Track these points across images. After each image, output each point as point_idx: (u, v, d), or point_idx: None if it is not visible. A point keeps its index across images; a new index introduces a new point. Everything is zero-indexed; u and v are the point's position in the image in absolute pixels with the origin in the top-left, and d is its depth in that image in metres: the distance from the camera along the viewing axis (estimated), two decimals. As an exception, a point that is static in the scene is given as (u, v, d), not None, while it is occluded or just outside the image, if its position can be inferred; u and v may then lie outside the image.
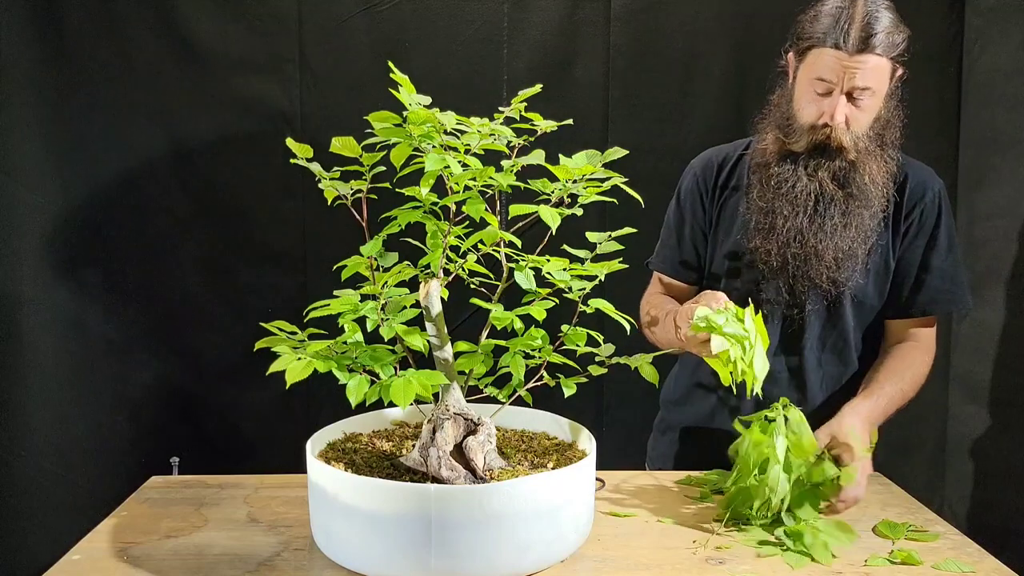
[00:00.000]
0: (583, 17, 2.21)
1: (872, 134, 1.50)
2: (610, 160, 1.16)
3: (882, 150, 1.52)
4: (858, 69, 1.42)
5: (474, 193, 1.14)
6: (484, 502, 1.07)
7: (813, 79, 1.47)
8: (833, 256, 1.52)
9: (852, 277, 1.54)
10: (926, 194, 1.56)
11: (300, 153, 1.14)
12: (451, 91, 2.16)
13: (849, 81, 1.43)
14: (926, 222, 1.57)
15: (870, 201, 1.51)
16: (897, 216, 1.57)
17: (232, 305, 2.24)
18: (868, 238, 1.53)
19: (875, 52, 1.41)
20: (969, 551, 1.25)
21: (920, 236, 1.57)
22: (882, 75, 1.45)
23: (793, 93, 1.54)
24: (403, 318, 1.15)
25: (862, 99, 1.46)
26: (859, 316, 1.61)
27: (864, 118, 1.48)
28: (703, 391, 1.71)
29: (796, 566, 1.18)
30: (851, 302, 1.59)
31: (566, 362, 1.28)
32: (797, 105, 1.52)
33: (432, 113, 1.08)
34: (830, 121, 1.46)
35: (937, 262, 1.57)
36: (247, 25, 2.16)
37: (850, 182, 1.50)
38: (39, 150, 2.12)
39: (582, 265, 1.22)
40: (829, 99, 1.46)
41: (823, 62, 1.44)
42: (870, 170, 1.50)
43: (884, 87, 1.47)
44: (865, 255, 1.54)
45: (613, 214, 1.83)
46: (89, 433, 2.21)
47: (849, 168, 1.50)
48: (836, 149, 1.49)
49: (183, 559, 1.20)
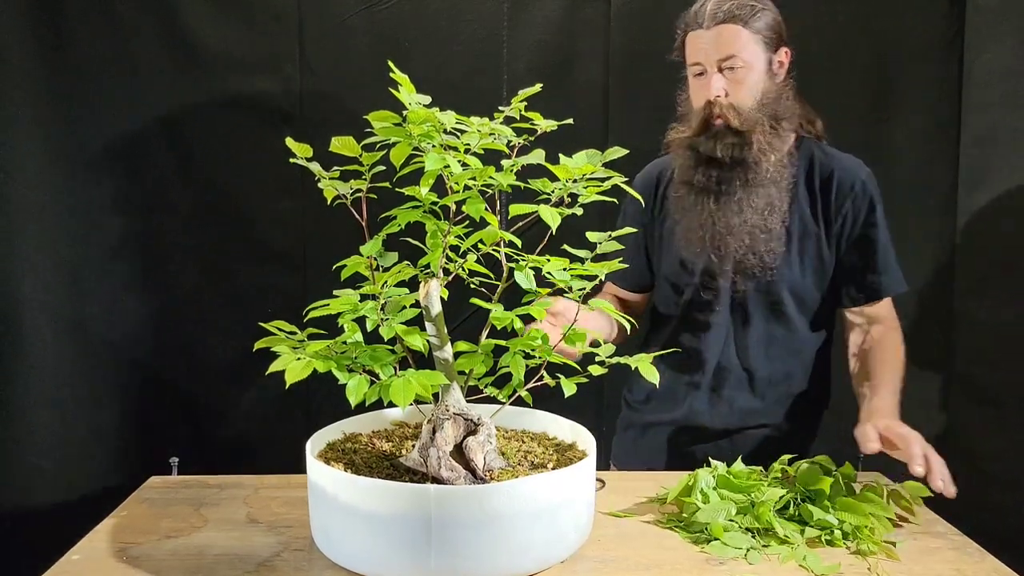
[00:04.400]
0: (583, 17, 2.21)
1: (759, 106, 1.58)
2: (610, 160, 1.16)
3: (775, 125, 1.60)
4: (717, 39, 1.54)
5: (474, 193, 1.14)
6: (484, 502, 1.07)
7: (690, 65, 1.62)
8: (748, 232, 1.59)
9: (778, 257, 1.60)
10: (855, 184, 1.62)
11: (300, 153, 1.14)
12: (451, 91, 2.16)
13: (715, 53, 1.55)
14: (860, 211, 1.62)
15: (770, 173, 1.59)
16: (827, 211, 1.63)
17: (232, 305, 2.24)
18: (783, 213, 1.60)
19: (729, 22, 1.53)
20: (969, 551, 1.25)
21: (857, 225, 1.63)
22: (748, 46, 1.55)
23: (688, 90, 1.67)
24: (403, 318, 1.15)
25: (735, 69, 1.55)
26: (802, 311, 1.66)
27: (744, 91, 1.57)
28: (663, 390, 1.71)
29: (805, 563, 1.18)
30: (792, 298, 1.65)
31: (566, 362, 1.28)
32: (691, 97, 1.65)
33: (432, 112, 1.08)
34: (710, 95, 1.57)
35: (881, 246, 1.63)
36: (247, 25, 2.16)
37: (745, 155, 1.58)
38: (39, 150, 2.12)
39: (582, 265, 1.22)
40: (706, 78, 1.58)
41: (692, 46, 1.59)
42: (760, 142, 1.57)
43: (757, 60, 1.57)
44: (783, 232, 1.60)
45: (615, 214, 1.84)
46: (89, 433, 2.21)
47: (741, 141, 1.57)
48: (725, 125, 1.57)
49: (183, 559, 1.20)
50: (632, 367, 1.24)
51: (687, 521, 1.31)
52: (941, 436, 2.25)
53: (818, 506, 1.31)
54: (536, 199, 1.19)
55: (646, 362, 1.23)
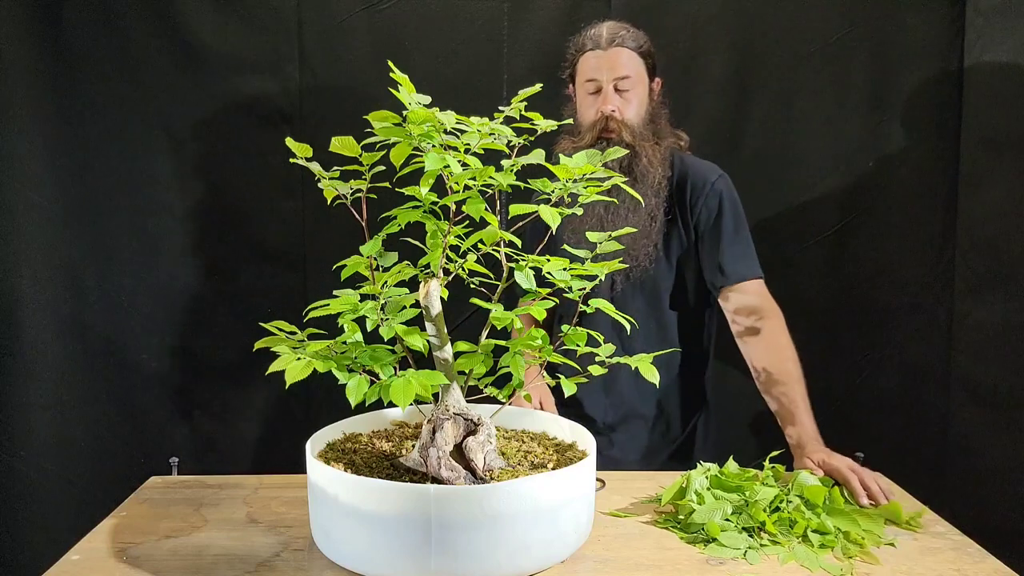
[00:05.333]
0: (583, 17, 2.20)
1: (644, 123, 1.77)
2: (610, 160, 1.16)
3: (656, 140, 1.78)
4: (614, 60, 1.73)
5: (474, 193, 1.13)
6: (484, 502, 1.07)
7: (584, 83, 1.77)
8: (630, 237, 1.70)
9: (647, 256, 1.75)
10: (706, 186, 1.77)
11: (299, 153, 1.14)
12: (451, 91, 2.17)
13: (611, 72, 1.74)
14: (712, 209, 1.77)
15: (651, 183, 1.74)
16: (684, 211, 1.78)
17: (232, 305, 2.24)
18: (655, 219, 1.76)
19: (624, 45, 1.74)
20: (969, 551, 1.25)
21: (710, 219, 1.76)
22: (637, 67, 1.76)
23: (576, 106, 1.82)
24: (403, 318, 1.15)
25: (626, 89, 1.74)
26: (674, 302, 1.82)
27: (633, 108, 1.76)
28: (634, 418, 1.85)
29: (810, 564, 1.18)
30: (666, 291, 1.80)
31: (566, 362, 1.28)
32: (580, 112, 1.80)
33: (432, 112, 1.08)
34: (604, 110, 1.73)
35: (727, 235, 1.75)
36: (247, 25, 2.16)
37: (633, 167, 1.74)
38: (39, 150, 2.12)
39: (582, 265, 1.22)
40: (600, 94, 1.75)
41: (588, 64, 1.76)
42: (647, 154, 1.74)
43: (643, 80, 1.77)
44: (655, 236, 1.76)
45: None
46: (89, 433, 2.21)
47: (631, 155, 1.72)
48: (617, 138, 1.72)
49: (182, 559, 1.20)
50: (632, 367, 1.24)
51: (684, 522, 1.31)
52: (941, 436, 2.25)
53: (811, 510, 1.31)
54: (536, 199, 1.19)
55: (646, 362, 1.24)
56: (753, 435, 2.22)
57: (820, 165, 2.23)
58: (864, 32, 2.18)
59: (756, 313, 1.71)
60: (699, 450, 1.87)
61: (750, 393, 1.73)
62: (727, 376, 2.05)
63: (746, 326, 1.72)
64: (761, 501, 1.30)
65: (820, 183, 2.23)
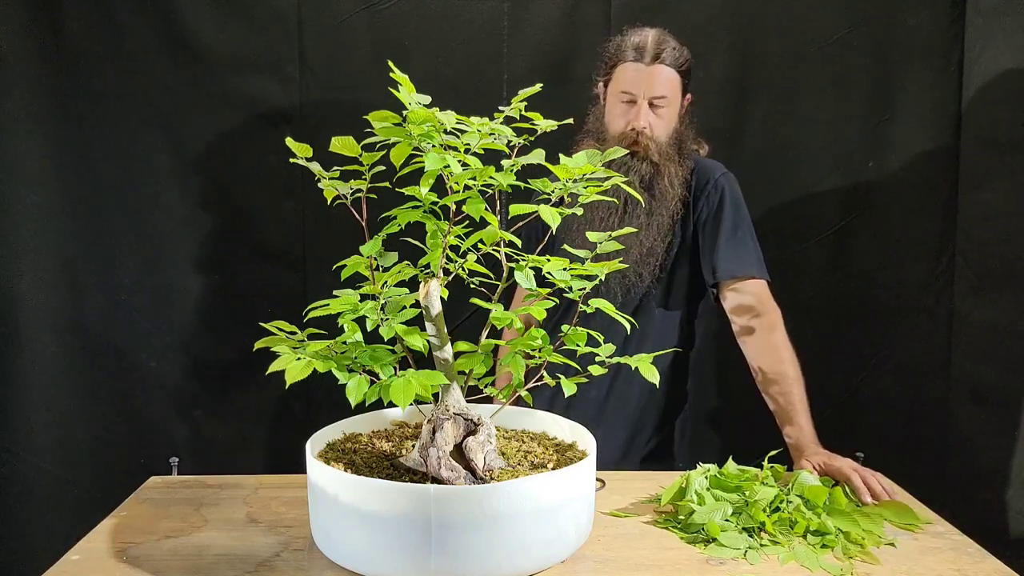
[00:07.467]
0: (583, 17, 2.21)
1: (671, 142, 1.75)
2: (610, 160, 1.16)
3: (679, 158, 1.76)
4: (654, 77, 1.70)
5: (474, 193, 1.13)
6: (484, 502, 1.07)
7: (619, 92, 1.73)
8: (638, 252, 1.73)
9: (653, 273, 1.75)
10: (708, 182, 1.77)
11: (299, 153, 1.14)
12: (451, 91, 2.16)
13: (648, 90, 1.71)
14: (712, 205, 1.76)
15: (668, 203, 1.74)
16: (686, 209, 1.78)
17: (232, 305, 2.24)
18: (665, 237, 1.76)
19: (666, 63, 1.71)
20: (969, 551, 1.25)
21: (711, 213, 1.76)
22: (675, 87, 1.73)
23: (604, 110, 1.79)
24: (403, 318, 1.15)
25: (660, 107, 1.72)
26: (684, 306, 1.82)
27: (663, 126, 1.74)
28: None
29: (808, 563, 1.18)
30: (668, 295, 1.79)
31: (566, 362, 1.28)
32: (608, 119, 1.78)
33: (432, 112, 1.08)
34: (636, 126, 1.71)
35: (726, 231, 1.74)
36: (247, 25, 2.16)
37: (654, 184, 1.74)
38: (39, 150, 2.12)
39: (582, 265, 1.22)
40: (634, 108, 1.72)
41: (626, 76, 1.72)
42: (669, 173, 1.73)
43: (678, 99, 1.75)
44: (664, 252, 1.76)
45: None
46: (89, 433, 2.21)
47: (654, 172, 1.73)
48: (643, 154, 1.72)
49: (182, 559, 1.19)
50: (632, 367, 1.24)
51: (684, 522, 1.31)
52: (941, 436, 2.25)
53: (811, 510, 1.31)
54: (536, 199, 1.19)
55: (646, 362, 1.24)
56: (753, 435, 2.22)
57: (820, 165, 2.23)
58: (864, 32, 2.18)
59: (752, 313, 1.71)
60: (677, 450, 1.89)
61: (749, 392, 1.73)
62: (727, 376, 2.06)
63: (742, 325, 1.72)
64: (761, 501, 1.30)
65: (820, 183, 2.23)
